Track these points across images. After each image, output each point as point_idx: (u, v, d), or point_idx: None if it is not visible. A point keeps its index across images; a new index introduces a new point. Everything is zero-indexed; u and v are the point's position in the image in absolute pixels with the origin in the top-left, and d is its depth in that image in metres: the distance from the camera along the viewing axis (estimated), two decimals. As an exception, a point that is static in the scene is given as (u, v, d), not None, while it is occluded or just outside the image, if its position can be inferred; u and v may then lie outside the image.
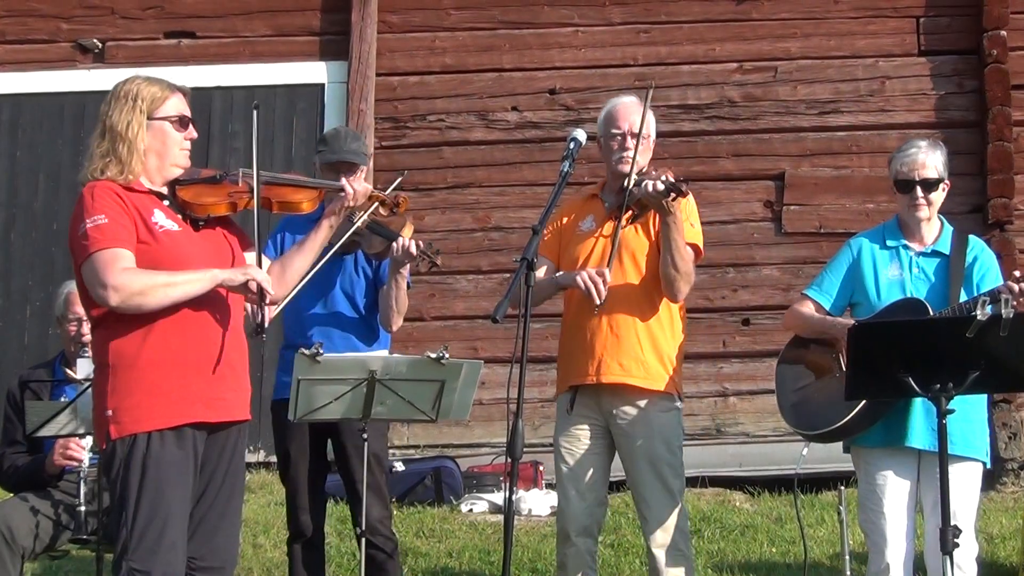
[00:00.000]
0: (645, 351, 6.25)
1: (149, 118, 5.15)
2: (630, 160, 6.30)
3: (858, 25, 11.24)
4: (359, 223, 6.25)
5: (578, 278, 6.12)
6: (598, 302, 6.09)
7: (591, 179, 9.51)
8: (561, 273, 6.36)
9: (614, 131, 6.39)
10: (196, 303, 5.05)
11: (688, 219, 6.27)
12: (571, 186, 6.19)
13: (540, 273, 6.28)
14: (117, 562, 4.93)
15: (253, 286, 5.07)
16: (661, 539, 6.22)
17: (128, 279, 4.90)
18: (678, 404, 6.43)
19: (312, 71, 11.50)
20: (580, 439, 6.30)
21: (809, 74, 11.21)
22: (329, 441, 6.67)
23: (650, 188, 5.94)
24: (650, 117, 6.48)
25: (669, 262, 6.15)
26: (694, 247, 6.30)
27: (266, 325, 5.40)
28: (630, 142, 6.32)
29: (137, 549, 4.89)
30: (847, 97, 11.16)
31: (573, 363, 6.31)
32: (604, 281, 6.09)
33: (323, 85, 11.47)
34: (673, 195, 5.92)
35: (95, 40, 11.58)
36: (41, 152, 11.59)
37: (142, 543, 4.88)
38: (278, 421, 6.57)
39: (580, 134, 6.03)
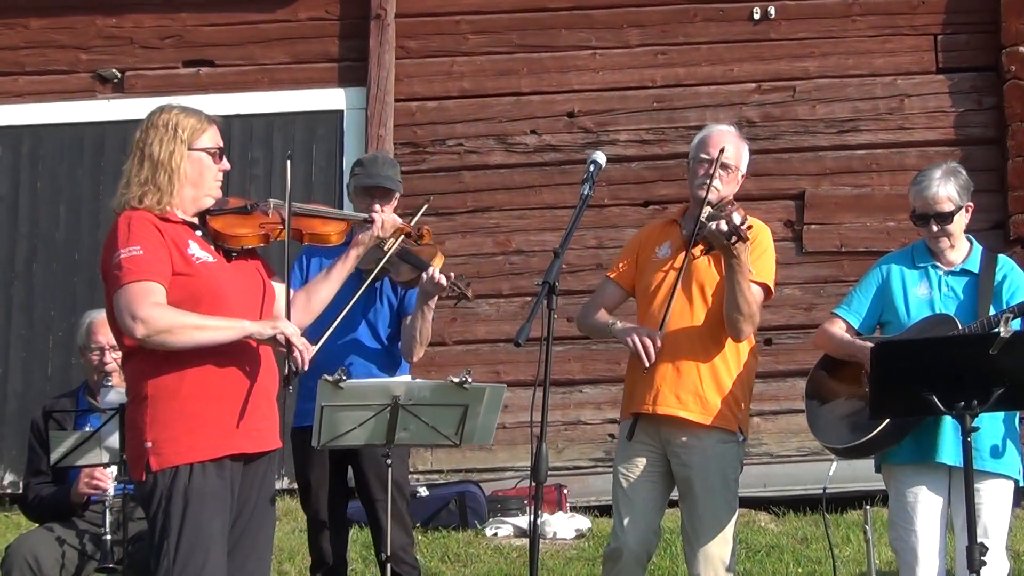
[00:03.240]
0: (705, 386, 6.18)
1: (189, 148, 5.17)
2: (710, 189, 6.21)
3: (876, 44, 11.24)
4: (390, 252, 6.25)
5: (629, 340, 6.10)
6: (647, 365, 6.05)
7: (612, 202, 9.53)
8: (619, 326, 6.27)
9: (703, 156, 6.30)
10: None
11: (762, 256, 6.21)
12: (591, 208, 6.20)
13: (611, 302, 6.42)
14: None
15: (282, 339, 5.08)
16: (705, 570, 6.14)
17: (158, 314, 4.91)
18: (739, 439, 6.28)
19: (331, 98, 11.53)
20: (637, 465, 6.24)
21: (827, 93, 11.21)
22: (349, 468, 6.68)
23: (714, 227, 5.84)
24: (744, 151, 6.42)
25: (732, 303, 6.06)
26: (763, 286, 6.23)
27: (297, 372, 5.42)
28: (711, 169, 6.22)
29: None
30: (866, 115, 11.15)
31: (635, 391, 6.25)
32: (656, 345, 6.04)
33: (342, 111, 11.49)
34: (735, 239, 5.81)
35: (114, 70, 11.62)
36: (61, 183, 11.62)
37: (185, 573, 4.90)
38: (299, 449, 6.58)
39: (600, 157, 6.02)
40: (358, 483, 6.61)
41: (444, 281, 6.30)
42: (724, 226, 5.80)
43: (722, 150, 6.23)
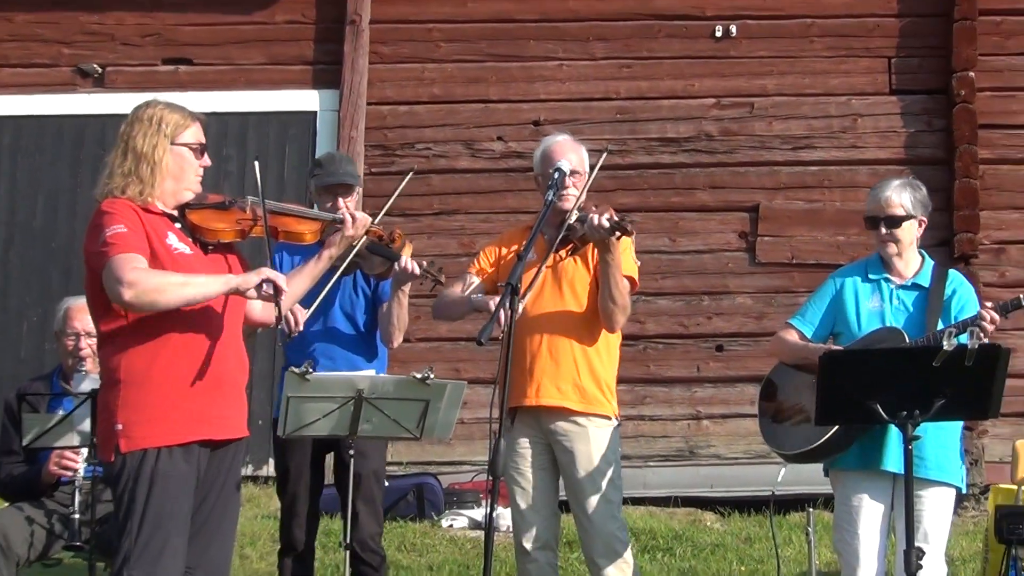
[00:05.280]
0: (583, 376, 6.27)
1: (172, 143, 5.17)
2: (570, 197, 6.30)
3: (831, 64, 11.29)
4: (359, 246, 6.27)
5: (491, 303, 6.07)
6: (503, 329, 5.99)
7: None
8: (478, 297, 6.33)
9: (551, 170, 6.33)
10: (201, 323, 5.08)
11: (625, 251, 6.28)
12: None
13: (456, 290, 6.43)
14: (118, 571, 4.95)
15: (268, 286, 5.08)
16: (604, 551, 6.22)
17: (144, 276, 4.89)
18: (614, 423, 6.40)
19: (305, 99, 11.53)
20: (525, 456, 6.31)
21: (784, 110, 11.26)
22: (327, 457, 6.68)
23: (595, 223, 5.94)
24: (584, 154, 6.48)
25: (607, 295, 6.16)
26: (630, 279, 6.31)
27: (294, 326, 5.78)
28: (568, 180, 6.30)
29: (140, 558, 4.90)
30: (820, 133, 11.21)
31: (513, 385, 6.18)
32: (516, 312, 6.01)
33: (315, 113, 11.49)
34: (619, 234, 5.94)
35: (95, 65, 11.59)
36: (41, 173, 11.58)
37: (145, 553, 4.90)
38: (281, 441, 6.57)
39: (564, 164, 6.11)
40: (337, 473, 6.58)
41: (417, 269, 6.32)
42: (606, 223, 5.90)
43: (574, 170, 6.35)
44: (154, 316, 4.99)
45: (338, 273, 6.32)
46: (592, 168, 6.41)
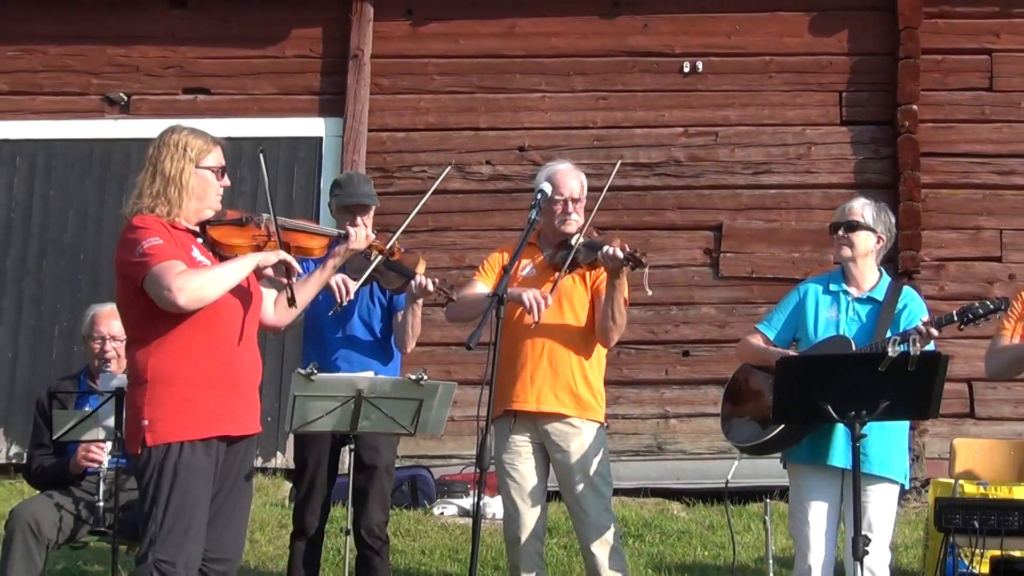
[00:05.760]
0: (578, 385, 6.32)
1: (196, 166, 5.18)
2: (574, 222, 6.37)
3: (788, 97, 11.30)
4: (376, 262, 6.30)
5: (525, 296, 6.11)
6: (536, 319, 6.10)
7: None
8: (509, 290, 6.27)
9: (556, 196, 6.38)
10: (220, 329, 5.11)
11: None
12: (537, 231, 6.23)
13: (468, 294, 6.41)
14: (144, 553, 4.96)
15: (282, 265, 5.22)
16: (597, 539, 6.26)
17: (187, 279, 4.93)
18: (605, 427, 6.47)
19: (312, 126, 11.51)
20: (521, 454, 6.35)
21: (745, 139, 11.27)
22: (343, 451, 6.63)
23: (610, 253, 5.99)
24: (584, 180, 6.52)
25: (610, 316, 6.22)
26: (625, 300, 6.34)
27: (345, 295, 6.19)
28: (571, 206, 6.37)
29: (164, 542, 4.92)
30: (778, 160, 11.21)
31: (512, 390, 6.31)
32: (546, 304, 6.13)
33: (321, 138, 11.46)
34: (632, 265, 5.97)
35: (121, 94, 11.57)
36: (71, 191, 11.54)
37: (169, 537, 4.92)
38: (302, 434, 6.54)
39: (547, 186, 6.14)
40: (356, 465, 6.51)
41: (431, 287, 6.32)
42: (620, 254, 5.96)
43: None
44: (179, 322, 5.02)
45: (358, 284, 6.35)
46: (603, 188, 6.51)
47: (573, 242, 6.31)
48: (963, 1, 11.27)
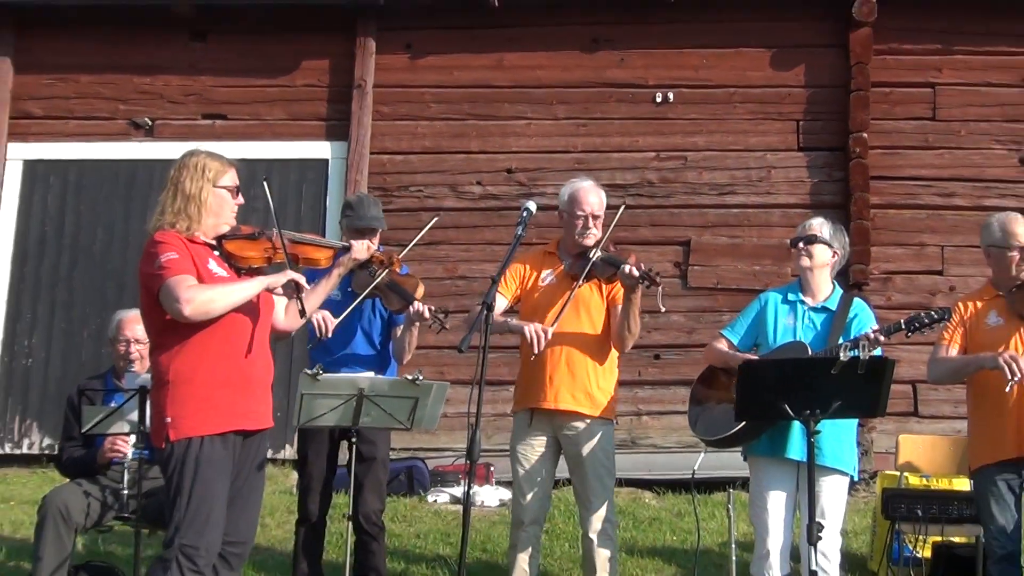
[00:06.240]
0: (592, 385, 6.34)
1: (214, 186, 5.19)
2: (592, 236, 6.41)
3: (751, 125, 11.32)
4: (379, 280, 6.29)
5: (526, 329, 6.20)
6: (536, 351, 6.18)
7: (539, 241, 9.54)
8: (514, 321, 6.41)
9: (578, 212, 6.45)
10: (235, 333, 5.13)
11: None
12: (523, 246, 6.21)
13: (498, 309, 6.36)
14: (170, 539, 4.97)
15: (292, 284, 5.23)
16: (596, 527, 6.28)
17: (196, 292, 4.96)
18: (614, 424, 6.49)
19: (319, 149, 11.50)
20: (535, 447, 6.36)
21: (711, 163, 11.27)
22: (343, 444, 6.61)
23: (627, 271, 6.04)
24: (603, 197, 6.60)
25: (626, 326, 6.28)
26: None
27: (325, 332, 6.14)
28: (591, 221, 6.43)
29: (189, 529, 4.93)
30: (741, 182, 11.23)
31: (532, 389, 6.38)
32: (545, 337, 6.18)
33: (328, 160, 11.46)
34: (648, 283, 6.02)
35: (146, 119, 11.56)
36: (99, 207, 11.53)
37: (193, 524, 4.94)
38: (304, 430, 6.54)
39: (531, 205, 6.14)
40: (356, 457, 6.50)
41: (427, 313, 6.34)
42: (636, 272, 6.00)
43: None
44: (198, 328, 5.03)
45: (360, 298, 6.36)
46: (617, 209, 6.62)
47: (591, 255, 6.34)
48: (909, 39, 11.31)
